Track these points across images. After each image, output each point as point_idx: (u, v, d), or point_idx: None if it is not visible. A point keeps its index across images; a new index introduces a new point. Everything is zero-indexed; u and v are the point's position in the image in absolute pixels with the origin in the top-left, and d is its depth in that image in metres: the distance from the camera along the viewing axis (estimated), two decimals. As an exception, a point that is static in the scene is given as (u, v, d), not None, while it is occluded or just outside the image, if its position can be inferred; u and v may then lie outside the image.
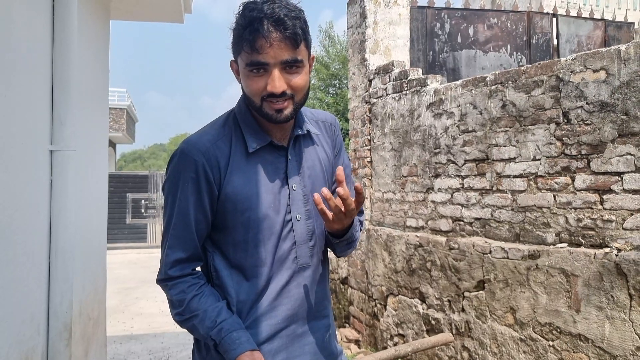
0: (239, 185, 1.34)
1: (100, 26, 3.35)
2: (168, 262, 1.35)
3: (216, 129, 1.39)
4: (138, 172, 18.38)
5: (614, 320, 2.77)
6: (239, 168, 1.35)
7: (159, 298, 8.13)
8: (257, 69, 1.27)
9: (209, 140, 1.36)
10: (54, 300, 2.32)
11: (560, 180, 3.16)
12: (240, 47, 1.28)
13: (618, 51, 2.85)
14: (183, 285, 1.34)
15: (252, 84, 1.29)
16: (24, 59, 2.10)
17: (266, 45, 1.24)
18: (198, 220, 1.35)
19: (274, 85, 1.26)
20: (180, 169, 1.34)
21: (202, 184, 1.33)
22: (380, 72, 5.12)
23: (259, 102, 1.31)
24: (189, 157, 1.33)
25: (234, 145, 1.37)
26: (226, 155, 1.35)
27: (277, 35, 1.24)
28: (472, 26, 5.86)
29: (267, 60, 1.25)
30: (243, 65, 1.30)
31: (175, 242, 1.35)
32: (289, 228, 1.39)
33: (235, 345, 1.27)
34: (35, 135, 2.22)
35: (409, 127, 4.60)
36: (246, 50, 1.26)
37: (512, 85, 3.50)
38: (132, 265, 11.98)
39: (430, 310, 4.15)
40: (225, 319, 1.31)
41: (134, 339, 5.84)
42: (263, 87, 1.28)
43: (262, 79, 1.28)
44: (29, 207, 2.14)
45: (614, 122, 2.87)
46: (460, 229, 3.96)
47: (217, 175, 1.34)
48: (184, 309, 1.33)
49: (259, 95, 1.29)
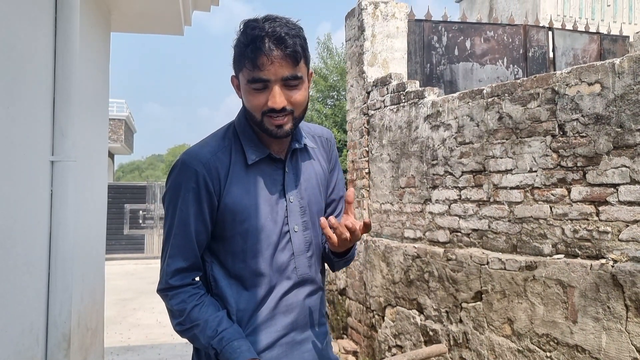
0: (238, 196, 1.37)
1: (101, 38, 3.39)
2: (169, 271, 1.37)
3: (216, 140, 1.42)
4: (136, 183, 18.39)
5: (610, 331, 2.79)
6: (238, 179, 1.38)
7: (156, 309, 8.10)
8: (258, 85, 1.30)
9: (210, 151, 1.39)
10: (53, 310, 2.32)
11: (557, 192, 3.19)
12: (242, 64, 1.32)
13: (612, 65, 2.89)
14: (184, 295, 1.36)
15: (254, 100, 1.33)
16: (26, 70, 2.13)
17: (267, 63, 1.28)
18: (198, 230, 1.37)
19: (274, 101, 1.30)
20: (181, 180, 1.36)
21: (202, 194, 1.35)
22: (378, 84, 5.16)
23: (259, 117, 1.34)
24: (190, 168, 1.36)
25: (234, 156, 1.40)
26: (226, 167, 1.38)
27: (278, 53, 1.28)
28: (469, 39, 5.93)
29: (269, 77, 1.29)
30: (244, 82, 1.33)
31: (176, 252, 1.37)
32: (287, 239, 1.42)
33: (237, 354, 1.28)
34: (37, 145, 2.24)
35: (407, 138, 4.63)
36: (248, 67, 1.30)
37: (509, 97, 3.54)
38: (130, 276, 11.94)
39: (428, 322, 4.15)
40: (226, 328, 1.33)
41: (130, 350, 5.82)
42: (264, 103, 1.31)
43: (263, 95, 1.31)
44: (29, 217, 2.15)
45: (609, 134, 2.90)
46: (458, 240, 3.97)
47: (217, 186, 1.36)
48: (185, 319, 1.35)
49: (259, 110, 1.33)
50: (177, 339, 6.30)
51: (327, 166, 1.57)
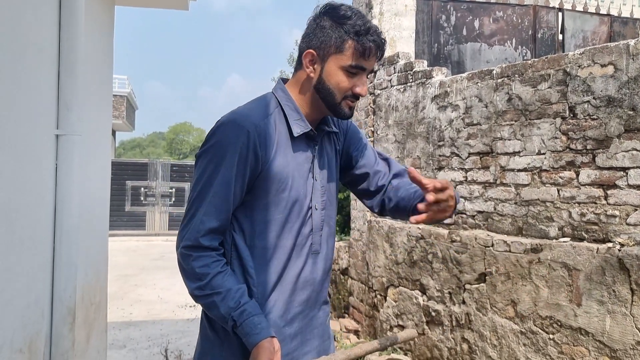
0: (281, 165, 1.37)
1: (106, 11, 3.33)
2: (202, 229, 1.32)
3: (263, 107, 1.41)
4: (138, 160, 18.36)
5: (614, 315, 2.78)
6: (282, 150, 1.39)
7: (157, 286, 8.15)
8: (356, 70, 1.38)
9: (260, 116, 1.38)
10: (58, 284, 2.31)
11: (565, 175, 3.16)
12: (343, 46, 1.37)
13: (627, 46, 2.84)
14: (208, 259, 1.32)
15: (343, 82, 1.38)
16: (31, 44, 2.09)
17: (372, 54, 1.38)
18: (236, 192, 1.35)
19: (363, 89, 1.40)
20: (229, 138, 1.33)
21: (250, 156, 1.33)
22: (385, 64, 5.10)
23: (340, 98, 1.39)
24: (242, 128, 1.33)
25: (279, 126, 1.40)
26: (274, 135, 1.38)
27: (381, 50, 1.40)
28: (477, 19, 5.84)
29: (368, 67, 1.40)
30: (339, 63, 1.37)
31: (212, 210, 1.33)
32: (309, 215, 1.44)
33: (258, 329, 1.27)
34: (42, 119, 2.21)
35: (413, 119, 4.59)
36: (356, 52, 1.36)
37: (519, 78, 3.49)
38: (131, 252, 12.01)
39: (430, 302, 4.16)
40: (248, 302, 1.31)
41: (133, 325, 5.86)
42: (350, 87, 1.38)
43: (352, 80, 1.38)
44: (34, 192, 2.13)
45: (621, 117, 2.86)
46: (463, 222, 3.96)
47: (263, 151, 1.35)
48: (206, 284, 1.31)
49: (344, 92, 1.39)
50: (179, 315, 6.35)
51: (341, 148, 1.59)
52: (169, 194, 16.05)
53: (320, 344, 1.50)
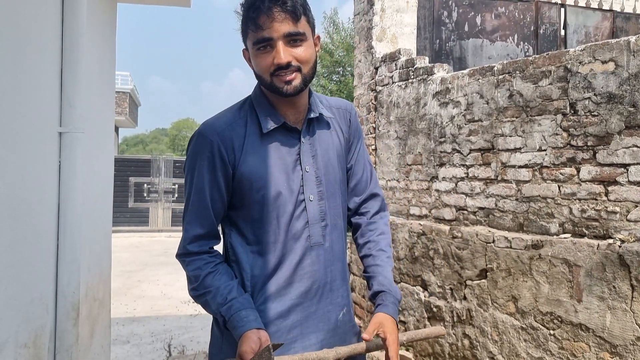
0: (254, 165, 1.41)
1: (108, 8, 3.34)
2: (187, 237, 1.42)
3: (232, 113, 1.47)
4: (141, 156, 18.40)
5: (615, 311, 2.80)
6: (254, 149, 1.42)
7: (160, 281, 8.19)
8: (263, 46, 1.35)
9: (225, 122, 1.43)
10: (62, 280, 2.34)
11: (566, 171, 3.17)
12: (246, 28, 1.37)
13: (628, 43, 2.84)
14: (199, 262, 1.41)
15: (261, 62, 1.37)
16: (34, 41, 2.10)
17: (268, 21, 1.32)
18: (213, 198, 1.42)
19: (279, 57, 1.33)
20: (197, 149, 1.42)
21: (217, 163, 1.40)
22: (387, 60, 5.10)
23: (269, 78, 1.38)
24: (205, 138, 1.41)
25: (250, 128, 1.43)
26: (241, 137, 1.42)
27: (277, 9, 1.32)
28: (479, 15, 5.83)
29: (271, 35, 1.33)
30: (251, 48, 1.39)
31: (193, 218, 1.42)
32: (302, 208, 1.45)
33: (243, 322, 1.32)
34: (44, 116, 2.23)
35: (415, 115, 4.60)
36: (251, 29, 1.35)
37: (520, 75, 3.49)
38: (134, 248, 12.05)
39: (432, 298, 4.18)
40: (236, 297, 1.36)
41: (136, 321, 5.90)
42: (271, 63, 1.36)
43: (269, 55, 1.35)
44: (38, 188, 2.15)
45: (621, 113, 2.86)
46: (464, 218, 3.97)
47: (231, 155, 1.40)
48: (199, 285, 1.40)
49: (267, 71, 1.37)
50: (182, 310, 6.38)
51: (346, 137, 1.59)
52: (171, 190, 16.08)
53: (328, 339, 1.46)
